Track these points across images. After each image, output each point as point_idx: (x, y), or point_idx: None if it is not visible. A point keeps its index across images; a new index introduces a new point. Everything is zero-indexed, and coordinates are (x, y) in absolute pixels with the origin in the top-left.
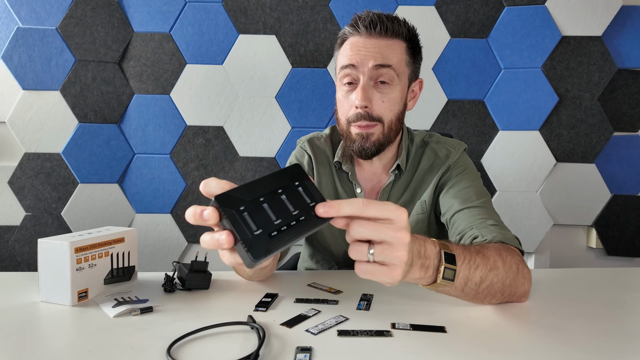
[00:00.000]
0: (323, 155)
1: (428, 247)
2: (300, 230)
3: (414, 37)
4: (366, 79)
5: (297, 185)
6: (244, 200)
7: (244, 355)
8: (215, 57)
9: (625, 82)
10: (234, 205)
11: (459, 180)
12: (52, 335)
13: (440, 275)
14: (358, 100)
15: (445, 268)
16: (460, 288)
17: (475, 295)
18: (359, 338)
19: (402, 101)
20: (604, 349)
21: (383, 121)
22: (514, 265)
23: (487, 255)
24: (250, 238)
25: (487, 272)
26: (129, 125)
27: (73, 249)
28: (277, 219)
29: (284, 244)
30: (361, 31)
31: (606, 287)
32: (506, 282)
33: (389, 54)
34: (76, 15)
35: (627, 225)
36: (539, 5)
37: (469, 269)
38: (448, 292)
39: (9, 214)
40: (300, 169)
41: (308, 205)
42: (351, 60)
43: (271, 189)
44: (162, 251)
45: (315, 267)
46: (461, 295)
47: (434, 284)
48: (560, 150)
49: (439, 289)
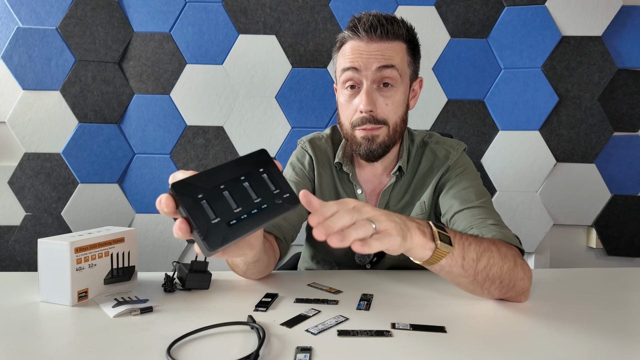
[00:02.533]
0: (324, 156)
1: (415, 218)
2: (261, 219)
3: (413, 37)
4: (369, 83)
5: (262, 172)
6: (203, 187)
7: (244, 355)
8: (215, 57)
9: (625, 82)
10: (192, 193)
11: (458, 181)
12: (52, 335)
13: (437, 238)
14: (363, 105)
15: (439, 233)
16: (459, 262)
17: (475, 275)
18: (359, 338)
19: (405, 102)
20: (604, 349)
21: (388, 123)
22: (509, 255)
23: (480, 239)
24: (207, 227)
25: (482, 251)
26: (129, 125)
27: (73, 249)
28: (237, 207)
29: (243, 233)
30: (361, 35)
31: (606, 287)
32: (504, 268)
33: (391, 56)
34: (76, 15)
35: (627, 225)
36: (539, 5)
37: (462, 243)
38: (450, 268)
39: (9, 214)
40: (265, 155)
41: (272, 192)
42: (353, 64)
43: (233, 176)
44: (162, 251)
45: (315, 267)
46: (462, 272)
47: (437, 251)
48: (560, 150)
49: (441, 262)
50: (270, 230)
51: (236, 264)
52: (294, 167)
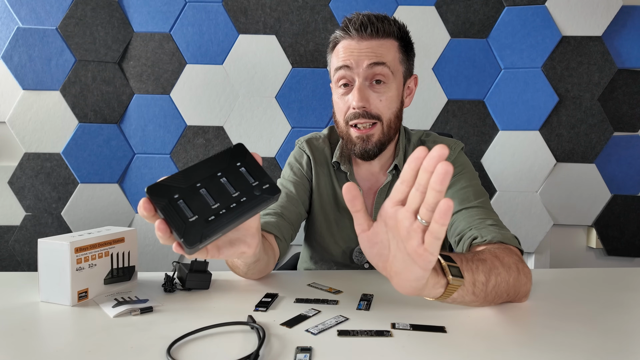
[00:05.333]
0: (322, 155)
1: None
2: (241, 212)
3: (405, 34)
4: (362, 80)
5: (239, 166)
6: (179, 187)
7: (244, 355)
8: (215, 57)
9: (625, 82)
10: (167, 194)
11: (456, 181)
12: (52, 335)
13: (448, 273)
14: (355, 102)
15: (448, 266)
16: (471, 290)
17: (486, 296)
18: (359, 338)
19: (398, 99)
20: (604, 349)
21: (382, 119)
22: (512, 265)
23: (484, 258)
24: (184, 225)
25: (489, 272)
26: (129, 125)
27: (73, 249)
28: (215, 203)
29: (222, 228)
30: (352, 34)
31: (606, 287)
32: (510, 281)
33: (382, 53)
34: (76, 15)
35: (627, 225)
36: (539, 5)
37: (471, 270)
38: (462, 298)
39: (9, 214)
40: (242, 148)
41: (250, 185)
42: (345, 62)
43: (210, 173)
44: (162, 251)
45: (314, 268)
46: (473, 299)
47: (449, 287)
48: (560, 150)
49: (453, 295)
50: (269, 229)
51: (236, 265)
52: (291, 167)
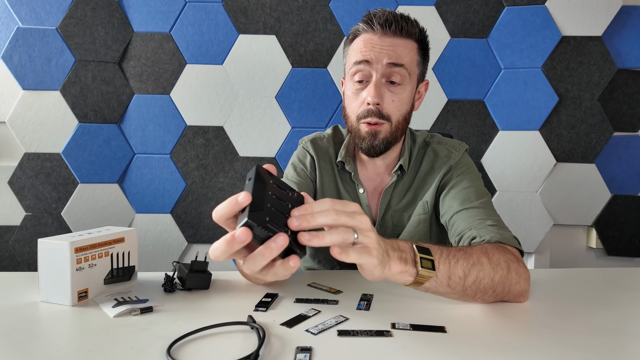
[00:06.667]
0: (326, 155)
1: (400, 243)
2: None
3: (424, 38)
4: (379, 76)
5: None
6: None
7: (244, 355)
8: (215, 57)
9: (625, 82)
10: (261, 219)
11: (459, 181)
12: (52, 335)
13: (419, 264)
14: (370, 97)
15: (421, 258)
16: (445, 282)
17: (464, 291)
18: (359, 338)
19: (410, 102)
20: (604, 349)
21: (391, 120)
22: (502, 262)
23: (470, 252)
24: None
25: (470, 266)
26: (129, 125)
27: (73, 249)
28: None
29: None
30: (376, 29)
31: (606, 287)
32: (495, 278)
33: (402, 53)
34: (76, 15)
35: (627, 225)
36: (539, 5)
37: (449, 262)
38: (436, 289)
39: (9, 214)
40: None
41: (289, 196)
42: (365, 56)
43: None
44: (162, 251)
45: (317, 267)
46: (449, 291)
47: (418, 277)
48: (560, 150)
49: (425, 285)
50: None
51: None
52: (295, 168)
